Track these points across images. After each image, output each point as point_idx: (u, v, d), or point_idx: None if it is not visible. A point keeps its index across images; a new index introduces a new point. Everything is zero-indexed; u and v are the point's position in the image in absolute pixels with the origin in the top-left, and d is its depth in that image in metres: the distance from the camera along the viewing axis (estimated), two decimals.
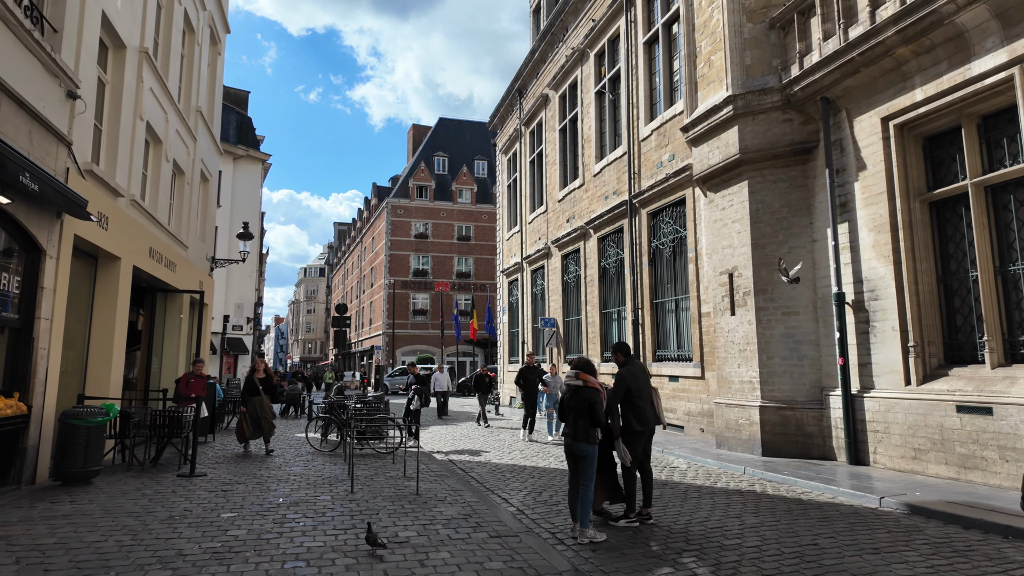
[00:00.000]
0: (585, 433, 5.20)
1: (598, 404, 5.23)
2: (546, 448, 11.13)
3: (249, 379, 10.21)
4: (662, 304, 13.87)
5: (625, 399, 5.74)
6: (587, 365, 5.42)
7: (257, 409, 9.97)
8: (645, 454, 5.84)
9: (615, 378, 5.78)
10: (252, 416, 9.98)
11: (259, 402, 10.01)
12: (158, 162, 11.38)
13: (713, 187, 10.98)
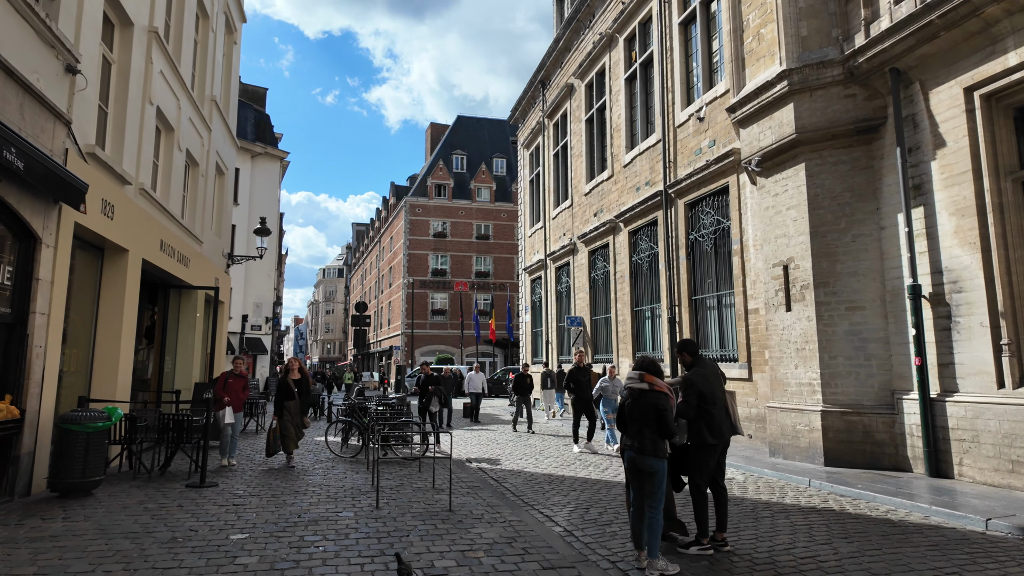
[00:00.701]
0: (653, 446, 4.40)
1: (668, 411, 4.43)
2: (583, 456, 10.33)
3: (283, 382, 8.83)
4: (701, 301, 12.97)
5: (701, 408, 4.93)
6: (652, 366, 4.61)
7: (292, 417, 8.72)
8: (718, 469, 5.01)
9: (683, 382, 4.96)
10: (286, 426, 8.65)
11: (294, 409, 8.75)
12: (170, 151, 10.79)
13: (764, 172, 10.09)
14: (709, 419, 4.91)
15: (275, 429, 8.71)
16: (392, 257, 53.02)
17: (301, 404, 8.87)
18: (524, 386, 15.40)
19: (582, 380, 11.63)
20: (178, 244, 10.93)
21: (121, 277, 8.48)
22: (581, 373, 11.84)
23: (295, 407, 8.79)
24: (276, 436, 8.70)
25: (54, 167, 5.88)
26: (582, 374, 11.81)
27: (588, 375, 11.80)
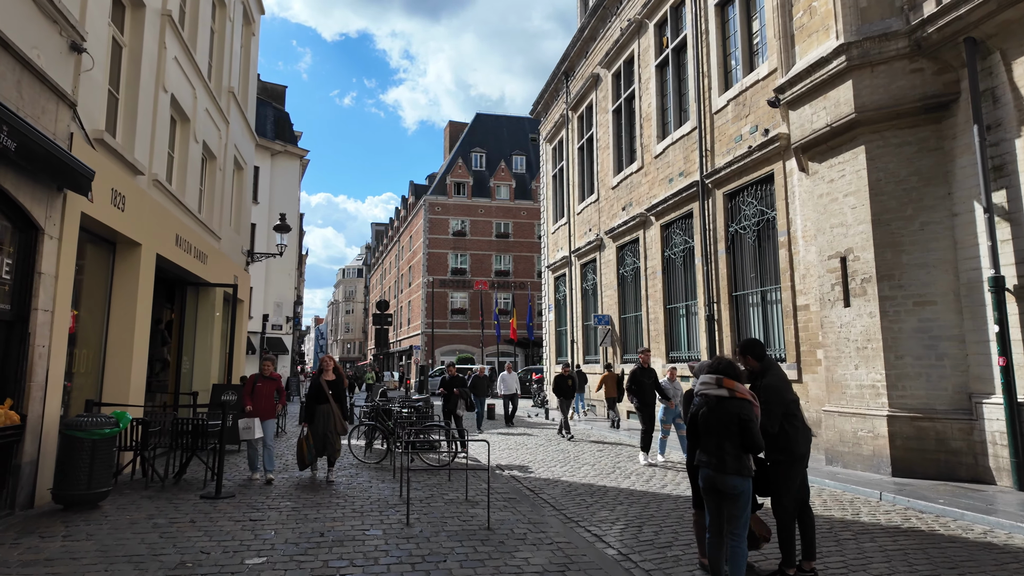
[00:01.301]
0: (735, 463, 3.74)
1: (753, 422, 3.76)
2: (622, 464, 9.65)
3: (315, 383, 7.78)
4: (743, 297, 12.21)
5: (785, 416, 4.25)
6: (731, 368, 3.95)
7: (324, 423, 7.60)
8: (803, 487, 4.33)
9: (765, 390, 4.27)
10: (318, 432, 7.60)
11: (327, 413, 7.61)
12: (186, 142, 10.34)
13: (817, 156, 9.32)
14: (794, 430, 4.24)
15: (306, 438, 7.61)
16: (411, 256, 52.70)
17: (342, 408, 7.74)
18: (566, 388, 14.17)
19: (646, 383, 10.07)
20: (195, 239, 10.49)
21: (134, 273, 8.02)
22: (646, 375, 10.20)
23: (327, 412, 7.61)
24: (309, 446, 7.58)
25: (56, 150, 5.39)
26: (647, 376, 10.19)
27: (654, 377, 10.28)
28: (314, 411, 7.67)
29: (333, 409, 7.67)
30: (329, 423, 7.63)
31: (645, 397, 9.99)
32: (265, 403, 7.57)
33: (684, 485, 7.63)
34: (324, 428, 7.62)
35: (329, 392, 7.70)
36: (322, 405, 7.67)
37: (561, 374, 14.55)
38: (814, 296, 10.03)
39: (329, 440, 7.63)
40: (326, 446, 7.64)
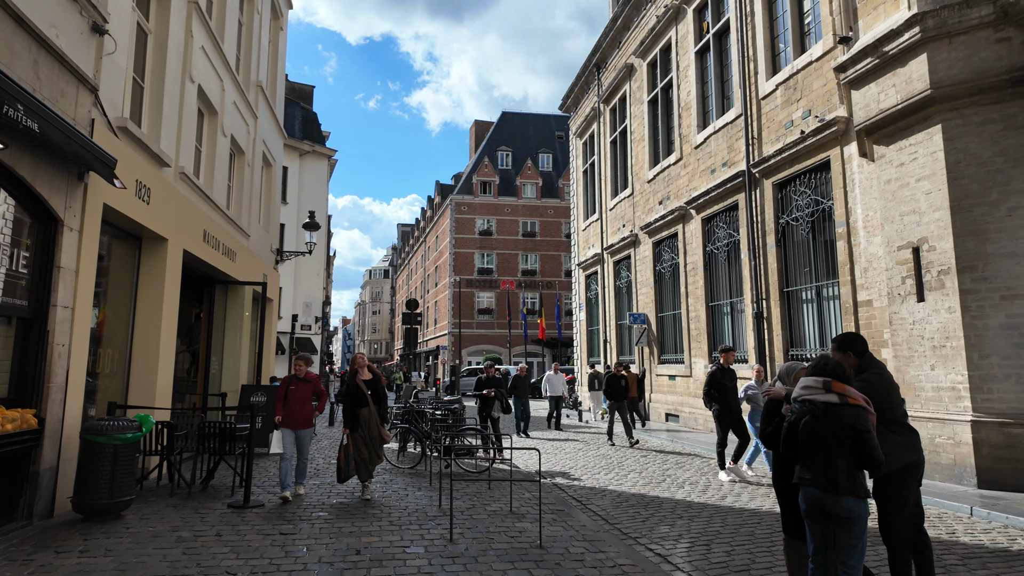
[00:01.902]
0: (849, 482, 3.14)
1: (871, 433, 3.16)
2: (671, 471, 9.03)
3: (352, 385, 6.79)
4: (795, 293, 11.46)
5: (882, 419, 3.63)
6: (839, 369, 3.34)
7: (365, 430, 6.60)
8: (916, 507, 3.70)
9: (868, 390, 3.65)
10: (359, 442, 6.59)
11: (366, 419, 6.63)
12: (213, 135, 10.04)
13: (884, 139, 8.58)
14: (902, 435, 3.62)
15: (346, 447, 6.64)
16: (438, 256, 52.51)
17: (380, 412, 6.82)
18: (619, 389, 12.40)
19: (728, 386, 8.64)
20: (223, 236, 10.18)
21: (160, 269, 7.70)
22: (727, 376, 8.76)
23: (368, 418, 6.65)
24: (348, 456, 6.58)
25: (76, 136, 5.03)
26: (728, 377, 8.74)
27: (735, 379, 8.94)
28: (356, 417, 6.68)
29: (373, 415, 6.67)
30: (370, 431, 6.64)
31: (728, 403, 8.62)
32: (299, 409, 6.59)
33: (746, 496, 6.99)
34: (366, 436, 6.63)
35: (368, 393, 6.68)
36: (362, 409, 6.65)
37: (614, 374, 12.74)
38: (878, 291, 9.28)
39: (371, 451, 6.65)
40: (371, 455, 6.65)
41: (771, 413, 3.75)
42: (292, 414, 6.59)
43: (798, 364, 3.90)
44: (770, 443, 3.74)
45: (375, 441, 6.73)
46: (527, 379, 14.65)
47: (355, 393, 6.73)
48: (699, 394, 14.38)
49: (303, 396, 6.66)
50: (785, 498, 3.73)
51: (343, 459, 6.68)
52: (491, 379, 10.87)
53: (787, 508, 3.70)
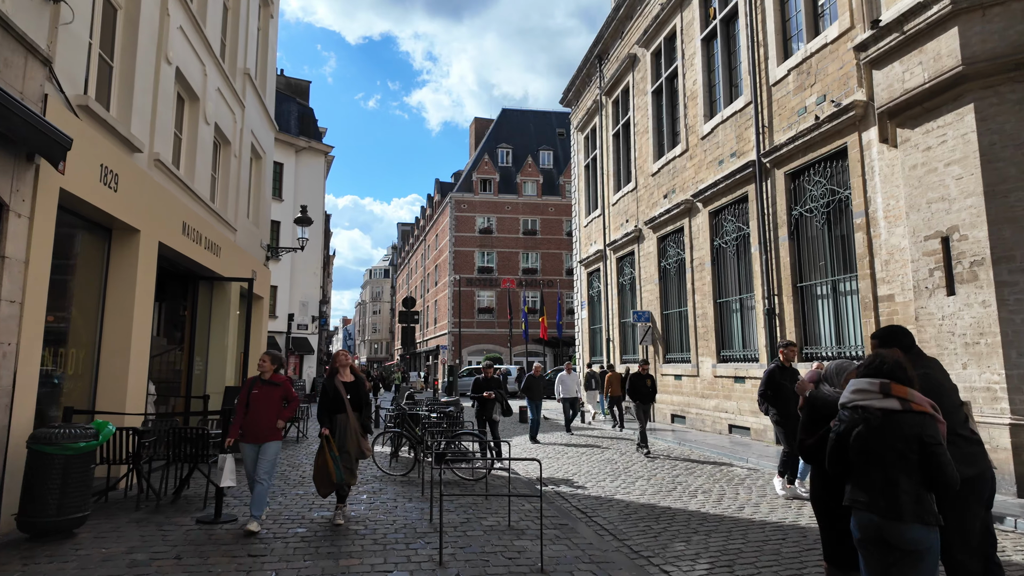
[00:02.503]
0: (916, 505, 2.58)
1: (943, 446, 2.60)
2: (681, 477, 8.46)
3: (329, 387, 5.80)
4: (809, 288, 10.89)
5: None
6: (899, 370, 2.78)
7: (340, 439, 5.64)
8: (986, 534, 3.14)
9: (934, 392, 3.09)
10: (331, 454, 5.54)
11: (343, 427, 5.68)
12: (195, 123, 9.49)
13: (909, 121, 8.01)
14: (962, 442, 3.07)
15: (330, 448, 5.62)
16: (438, 255, 51.97)
17: (361, 420, 5.79)
18: (644, 391, 10.93)
19: (788, 387, 6.99)
20: (206, 229, 9.63)
21: (131, 262, 7.15)
22: (787, 376, 7.22)
23: (347, 427, 5.65)
24: (335, 456, 5.53)
25: (20, 110, 4.47)
26: (788, 377, 7.17)
27: (792, 377, 7.28)
28: (333, 423, 5.72)
29: (352, 424, 5.63)
30: (346, 443, 5.63)
31: (790, 406, 6.92)
32: (264, 418, 5.36)
33: (765, 508, 6.43)
34: (340, 447, 5.65)
35: (347, 397, 5.69)
36: (340, 415, 5.68)
37: (638, 372, 11.20)
38: (900, 284, 8.72)
39: (349, 463, 5.65)
40: (332, 472, 5.53)
41: (813, 421, 3.19)
42: (256, 423, 5.37)
43: (848, 363, 3.34)
44: (811, 456, 3.19)
45: (351, 456, 5.63)
46: (542, 380, 13.30)
47: (332, 396, 5.71)
48: (707, 394, 13.83)
49: (269, 402, 5.46)
50: (829, 521, 3.17)
51: (324, 464, 5.47)
52: (490, 380, 10.15)
53: (832, 534, 3.14)
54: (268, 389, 5.54)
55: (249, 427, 5.42)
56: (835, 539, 3.11)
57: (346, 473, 5.60)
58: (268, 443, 5.41)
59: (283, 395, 5.61)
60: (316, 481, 5.59)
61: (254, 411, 5.42)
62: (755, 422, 12.03)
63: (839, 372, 3.37)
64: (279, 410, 5.51)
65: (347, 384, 5.83)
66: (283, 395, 5.61)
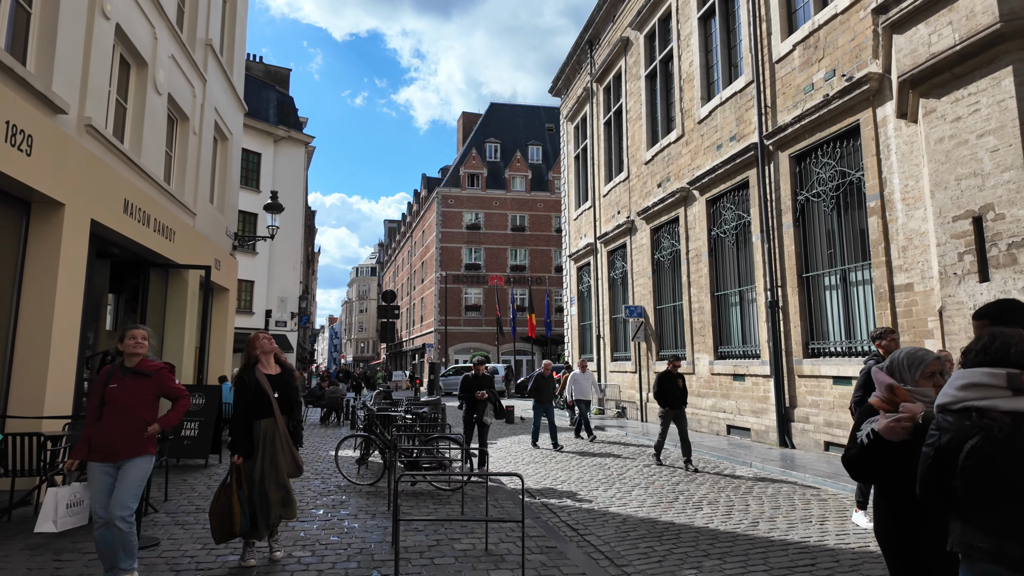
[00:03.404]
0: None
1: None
2: (682, 486, 7.64)
3: (249, 380, 4.37)
4: (816, 279, 10.13)
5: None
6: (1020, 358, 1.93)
7: (265, 455, 4.27)
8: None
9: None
10: (254, 475, 4.24)
11: (270, 436, 4.31)
12: (142, 91, 8.52)
13: (935, 90, 7.23)
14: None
15: (238, 482, 4.17)
16: (424, 252, 50.97)
17: (290, 426, 4.45)
18: (675, 394, 8.71)
19: None
20: (157, 211, 8.66)
21: (54, 241, 6.20)
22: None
23: (277, 433, 4.31)
24: (242, 497, 4.15)
25: None
26: None
27: None
28: (250, 434, 4.24)
29: (280, 432, 4.31)
30: (275, 457, 4.25)
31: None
32: (123, 424, 3.70)
33: (782, 522, 5.61)
34: (264, 465, 4.22)
35: (275, 396, 4.31)
36: (263, 421, 4.29)
37: (668, 371, 8.91)
38: (921, 272, 7.96)
39: (275, 490, 4.24)
40: (266, 503, 4.21)
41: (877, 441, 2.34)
42: (110, 433, 3.67)
43: (924, 352, 2.50)
44: (868, 475, 2.37)
45: (281, 473, 4.27)
46: (552, 380, 11.55)
47: (253, 394, 4.26)
48: (703, 393, 13.06)
49: (133, 401, 3.74)
50: (907, 564, 2.33)
51: (229, 505, 4.07)
52: (481, 378, 8.70)
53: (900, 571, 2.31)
54: (132, 382, 3.77)
55: (101, 438, 3.68)
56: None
57: (278, 508, 4.28)
58: (131, 461, 3.69)
59: (157, 390, 3.87)
60: (212, 523, 4.14)
61: (109, 416, 3.69)
62: (756, 423, 11.26)
63: (913, 364, 2.51)
64: (149, 414, 3.80)
65: (272, 378, 4.41)
66: (157, 390, 3.87)
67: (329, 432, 13.71)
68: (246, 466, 4.24)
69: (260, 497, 4.22)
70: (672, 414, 8.69)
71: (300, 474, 4.54)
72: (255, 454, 4.25)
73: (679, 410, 8.70)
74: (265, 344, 4.55)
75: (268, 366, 4.49)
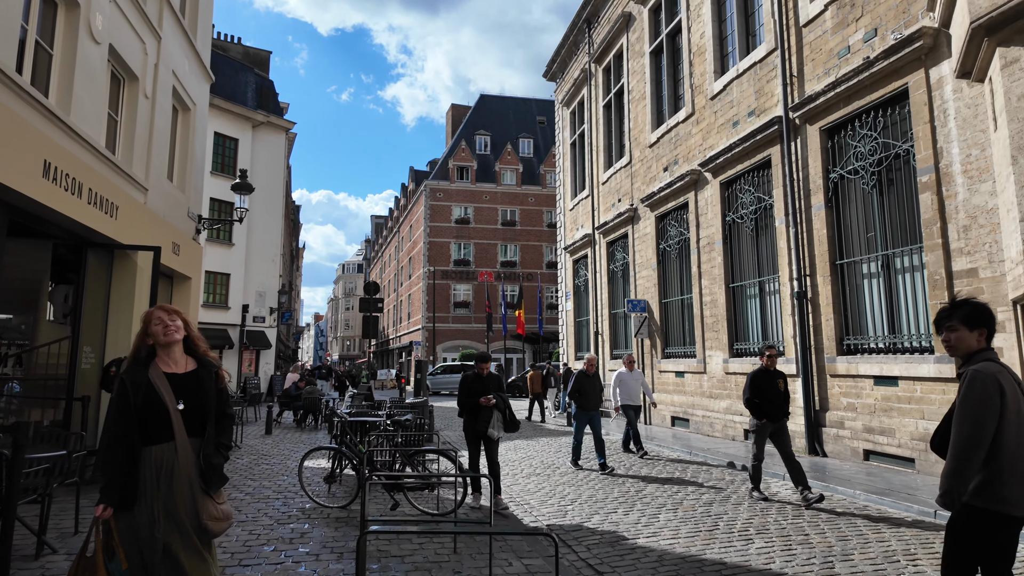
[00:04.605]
0: None
1: None
2: (716, 505, 6.45)
3: (139, 379, 2.69)
4: (851, 266, 9.01)
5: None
6: None
7: (154, 505, 2.60)
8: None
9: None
10: (135, 535, 2.57)
11: (164, 470, 2.65)
12: (72, 36, 7.18)
13: (1020, 35, 6.09)
14: None
15: (105, 548, 2.53)
16: (411, 247, 49.57)
17: (203, 457, 2.72)
18: (776, 399, 6.55)
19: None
20: (92, 180, 7.32)
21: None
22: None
23: (177, 470, 2.66)
24: (109, 569, 2.50)
25: None
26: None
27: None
28: (131, 469, 2.61)
29: (180, 467, 2.67)
30: (172, 505, 2.63)
31: None
32: None
33: (866, 565, 4.42)
34: (158, 518, 2.60)
35: (178, 407, 2.71)
36: (159, 448, 2.66)
37: (763, 368, 6.71)
38: (988, 255, 6.85)
39: (178, 556, 2.60)
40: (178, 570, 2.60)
41: None
42: None
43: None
44: None
45: (187, 533, 2.64)
46: (598, 379, 9.02)
47: (141, 406, 2.65)
48: (716, 394, 11.92)
49: None
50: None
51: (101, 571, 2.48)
52: (486, 379, 6.44)
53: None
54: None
55: None
56: None
57: (188, 566, 2.60)
58: None
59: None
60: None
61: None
62: None
63: None
64: None
65: (177, 380, 2.76)
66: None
67: (304, 437, 12.41)
68: (121, 523, 2.56)
69: (152, 569, 2.55)
70: (771, 428, 6.47)
71: (222, 529, 2.77)
72: (139, 502, 2.59)
73: (780, 423, 6.48)
74: (164, 323, 2.77)
75: (172, 361, 2.80)
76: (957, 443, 2.40)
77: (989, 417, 2.37)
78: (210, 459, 2.74)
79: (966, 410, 2.41)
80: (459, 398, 6.37)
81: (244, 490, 6.81)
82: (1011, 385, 2.45)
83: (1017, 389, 2.47)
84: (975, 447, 2.36)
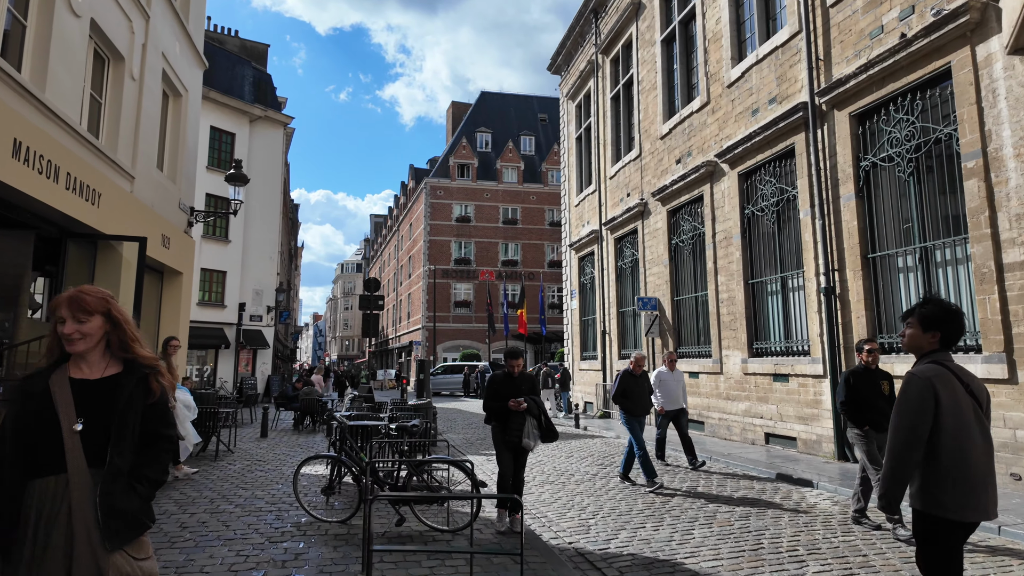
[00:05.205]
0: None
1: None
2: (752, 519, 5.89)
3: (34, 388, 1.98)
4: (885, 259, 8.45)
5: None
6: None
7: (34, 556, 1.83)
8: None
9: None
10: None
11: (49, 511, 1.86)
12: (48, 9, 6.62)
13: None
14: None
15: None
16: (411, 245, 48.99)
17: (102, 496, 1.88)
18: (881, 404, 5.48)
19: None
20: (70, 164, 6.76)
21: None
22: None
23: (64, 505, 1.87)
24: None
25: None
26: None
27: None
28: (12, 509, 1.85)
29: (75, 504, 1.86)
30: (53, 557, 1.83)
31: None
32: None
33: None
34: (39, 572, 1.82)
35: (76, 429, 1.91)
36: (40, 481, 1.88)
37: (863, 367, 5.70)
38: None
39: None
40: None
41: None
42: None
43: None
44: None
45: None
46: (646, 380, 8.00)
47: (22, 428, 1.92)
48: (734, 396, 11.36)
49: None
50: None
51: None
52: (518, 379, 5.45)
53: None
54: None
55: None
56: None
57: None
58: None
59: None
60: None
61: None
62: (804, 431, 9.58)
63: None
64: None
65: (86, 389, 2.00)
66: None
67: (302, 440, 11.83)
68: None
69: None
70: (876, 438, 5.34)
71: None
72: (17, 551, 1.84)
73: (881, 435, 5.32)
74: (67, 309, 2.00)
75: (85, 363, 2.04)
76: (891, 447, 2.48)
77: (920, 422, 2.43)
78: (112, 500, 1.89)
79: (898, 415, 2.48)
80: (485, 402, 5.42)
81: (234, 501, 6.24)
82: (949, 390, 2.46)
83: (959, 394, 2.47)
84: (907, 450, 2.43)
